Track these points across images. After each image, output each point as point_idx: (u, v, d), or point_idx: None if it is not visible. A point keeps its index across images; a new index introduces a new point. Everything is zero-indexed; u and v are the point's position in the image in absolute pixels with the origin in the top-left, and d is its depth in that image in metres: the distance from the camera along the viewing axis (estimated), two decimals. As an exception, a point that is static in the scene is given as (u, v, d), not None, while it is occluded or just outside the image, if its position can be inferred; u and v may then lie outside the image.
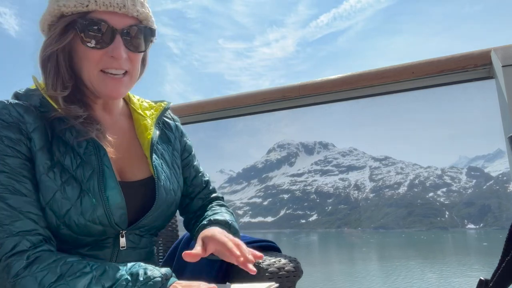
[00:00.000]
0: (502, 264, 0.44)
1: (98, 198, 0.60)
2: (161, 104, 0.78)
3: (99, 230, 0.61)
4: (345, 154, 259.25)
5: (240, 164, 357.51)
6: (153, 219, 0.67)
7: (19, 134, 0.60)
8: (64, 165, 0.60)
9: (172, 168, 0.74)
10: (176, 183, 0.73)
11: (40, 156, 0.60)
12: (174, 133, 0.79)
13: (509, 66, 0.96)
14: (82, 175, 0.60)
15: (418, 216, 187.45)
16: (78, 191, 0.59)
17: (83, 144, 0.62)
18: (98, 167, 0.62)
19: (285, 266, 0.70)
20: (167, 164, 0.73)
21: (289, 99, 1.37)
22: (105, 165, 0.62)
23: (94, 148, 0.63)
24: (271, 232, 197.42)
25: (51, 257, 0.54)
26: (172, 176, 0.72)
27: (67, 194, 0.59)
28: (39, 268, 0.52)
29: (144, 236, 0.69)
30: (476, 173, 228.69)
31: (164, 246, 1.08)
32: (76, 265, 0.53)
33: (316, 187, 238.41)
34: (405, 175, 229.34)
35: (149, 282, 0.52)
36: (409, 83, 1.24)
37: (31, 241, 0.54)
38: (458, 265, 32.41)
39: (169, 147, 0.76)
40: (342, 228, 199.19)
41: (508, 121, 0.97)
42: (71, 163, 0.60)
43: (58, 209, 0.58)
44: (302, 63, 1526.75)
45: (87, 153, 0.62)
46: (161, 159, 0.72)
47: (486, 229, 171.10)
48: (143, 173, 0.69)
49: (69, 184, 0.59)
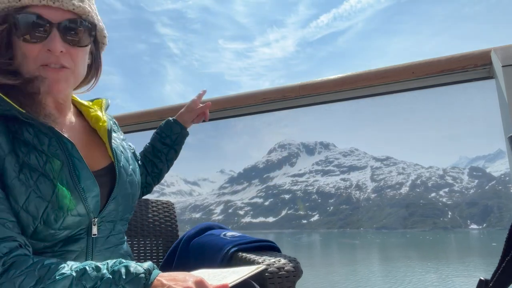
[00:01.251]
0: (502, 264, 0.44)
1: (74, 190, 0.60)
2: (100, 100, 0.80)
3: (75, 221, 0.62)
4: (346, 154, 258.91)
5: (240, 164, 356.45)
6: (118, 202, 0.69)
7: None
8: (31, 165, 0.59)
9: (127, 150, 0.78)
10: (134, 165, 0.76)
11: (9, 160, 0.58)
12: (117, 125, 0.84)
13: (509, 66, 0.96)
14: (51, 171, 0.60)
15: (421, 216, 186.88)
16: (52, 187, 0.59)
17: (45, 141, 0.62)
18: (67, 160, 0.62)
19: (284, 266, 0.70)
20: (123, 148, 0.76)
21: (289, 99, 1.37)
22: (75, 158, 0.62)
23: (58, 143, 0.62)
24: (272, 232, 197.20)
25: (27, 261, 0.54)
26: (130, 159, 0.76)
27: (41, 192, 0.58)
28: (17, 273, 0.52)
29: (117, 223, 0.70)
30: (478, 173, 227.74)
31: (164, 246, 1.09)
32: (55, 267, 0.53)
33: (318, 187, 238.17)
34: (407, 175, 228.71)
35: (133, 279, 0.52)
36: (409, 83, 1.24)
37: (7, 247, 0.54)
38: (483, 264, 30.35)
39: (120, 135, 0.81)
40: (345, 229, 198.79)
41: (508, 121, 0.97)
42: (38, 161, 0.60)
43: (35, 209, 0.58)
44: (302, 63, 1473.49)
45: (52, 149, 0.62)
46: (118, 144, 0.76)
47: (489, 230, 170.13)
48: (105, 160, 0.71)
49: (41, 183, 0.59)
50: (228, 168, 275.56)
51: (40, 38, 0.61)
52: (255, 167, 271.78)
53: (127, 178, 0.71)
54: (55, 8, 0.62)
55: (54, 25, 0.61)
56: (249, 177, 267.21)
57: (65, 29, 0.62)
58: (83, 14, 0.64)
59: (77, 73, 0.66)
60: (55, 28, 0.61)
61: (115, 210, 0.69)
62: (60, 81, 0.63)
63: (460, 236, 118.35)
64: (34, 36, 0.61)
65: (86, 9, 0.65)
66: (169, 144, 0.97)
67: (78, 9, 0.63)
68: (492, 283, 0.45)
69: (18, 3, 0.61)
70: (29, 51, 0.62)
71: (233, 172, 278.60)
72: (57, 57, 0.62)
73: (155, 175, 0.96)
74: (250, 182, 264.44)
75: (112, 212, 0.68)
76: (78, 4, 0.63)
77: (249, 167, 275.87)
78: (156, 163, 0.95)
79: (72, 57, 0.64)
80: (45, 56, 0.62)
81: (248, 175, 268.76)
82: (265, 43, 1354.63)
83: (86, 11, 0.65)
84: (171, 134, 0.97)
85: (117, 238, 0.70)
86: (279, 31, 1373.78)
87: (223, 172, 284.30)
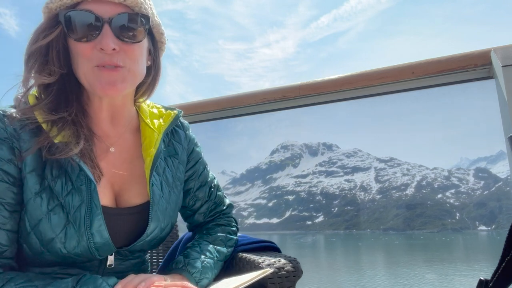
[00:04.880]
0: (502, 264, 0.44)
1: (83, 233, 0.58)
2: (171, 113, 0.74)
3: (83, 260, 0.60)
4: (350, 155, 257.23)
5: (241, 165, 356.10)
6: (144, 243, 0.66)
7: (10, 154, 0.57)
8: (53, 191, 0.57)
9: (172, 186, 0.71)
10: (174, 203, 0.71)
11: (29, 178, 0.57)
12: (182, 143, 0.75)
13: (509, 66, 0.96)
14: (70, 205, 0.58)
15: (428, 217, 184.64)
16: (64, 221, 0.57)
17: (76, 169, 0.59)
18: (87, 199, 0.59)
19: (284, 266, 0.70)
20: (167, 182, 0.70)
21: (289, 99, 1.38)
22: (93, 200, 0.59)
23: (85, 178, 0.59)
24: (276, 233, 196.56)
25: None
26: (170, 196, 0.70)
27: (52, 223, 0.56)
28: None
29: (139, 253, 0.69)
30: (484, 175, 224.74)
31: (164, 246, 1.09)
32: (17, 279, 0.53)
33: (322, 188, 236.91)
34: (412, 176, 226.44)
35: None
36: (409, 83, 1.25)
37: None
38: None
39: (175, 160, 0.73)
40: (351, 230, 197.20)
41: (508, 121, 0.97)
42: (62, 188, 0.58)
43: (42, 236, 0.57)
44: (303, 64, 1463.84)
45: (78, 181, 0.59)
46: (162, 177, 0.69)
47: (498, 231, 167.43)
48: (141, 197, 0.66)
49: (55, 213, 0.57)
50: (229, 169, 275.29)
51: (92, 36, 0.58)
52: (258, 168, 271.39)
53: (159, 223, 0.66)
54: (105, 2, 0.58)
55: (105, 20, 0.57)
56: (251, 178, 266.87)
57: (116, 24, 0.58)
58: (135, 6, 0.60)
59: (135, 71, 0.61)
60: (106, 24, 0.58)
61: (141, 248, 0.67)
62: (116, 82, 0.59)
63: (471, 238, 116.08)
64: (85, 35, 0.58)
65: (139, 0, 0.60)
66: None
67: (129, 1, 0.59)
68: (492, 283, 0.44)
69: (69, 1, 0.57)
70: (82, 51, 0.58)
71: (234, 173, 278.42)
72: (110, 56, 0.58)
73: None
74: (253, 183, 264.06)
75: (137, 248, 0.66)
76: None
77: (251, 168, 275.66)
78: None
79: (128, 54, 0.60)
80: (99, 56, 0.58)
81: (251, 176, 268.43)
82: (266, 44, 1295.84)
83: (138, 3, 0.60)
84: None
85: (133, 263, 0.68)
86: (280, 31, 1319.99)
87: (224, 173, 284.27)
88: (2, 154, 0.56)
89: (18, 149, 0.57)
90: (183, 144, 0.75)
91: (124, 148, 0.67)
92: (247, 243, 0.82)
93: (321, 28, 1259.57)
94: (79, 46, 0.59)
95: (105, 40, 0.57)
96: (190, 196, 0.77)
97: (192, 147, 0.78)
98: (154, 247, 0.71)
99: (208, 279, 0.67)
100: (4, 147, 0.56)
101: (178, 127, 0.76)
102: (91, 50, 0.58)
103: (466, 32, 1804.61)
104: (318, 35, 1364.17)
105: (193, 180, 0.77)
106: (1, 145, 0.56)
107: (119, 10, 0.58)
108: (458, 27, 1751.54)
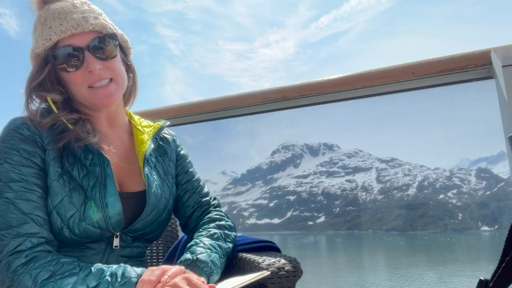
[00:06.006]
0: (502, 264, 0.44)
1: (99, 204, 0.68)
2: (159, 124, 0.87)
3: (97, 233, 0.69)
4: (351, 155, 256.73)
5: (242, 165, 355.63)
6: (145, 224, 0.74)
7: (35, 147, 0.68)
8: (72, 175, 0.69)
9: (164, 178, 0.81)
10: (168, 191, 0.80)
11: (53, 164, 0.68)
12: (171, 146, 0.87)
13: (509, 66, 0.97)
14: (87, 184, 0.69)
15: (431, 218, 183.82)
16: (83, 198, 0.67)
17: (89, 156, 0.71)
18: (101, 177, 0.70)
19: (284, 266, 0.71)
20: (159, 174, 0.80)
21: (289, 99, 1.38)
22: (107, 174, 0.70)
23: (98, 159, 0.71)
24: (278, 234, 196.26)
25: (47, 257, 0.61)
26: (164, 185, 0.80)
27: (73, 200, 0.67)
28: (35, 266, 0.58)
29: (138, 239, 0.76)
30: (485, 175, 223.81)
31: (164, 246, 1.11)
32: (67, 266, 0.59)
33: (323, 188, 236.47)
34: (413, 176, 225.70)
35: (126, 282, 0.58)
36: (409, 83, 1.24)
37: (32, 242, 0.61)
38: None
39: (165, 158, 0.84)
40: (353, 230, 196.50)
41: (508, 121, 0.97)
42: (78, 173, 0.69)
43: (64, 212, 0.66)
44: (303, 65, 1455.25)
45: (92, 164, 0.70)
46: (154, 170, 0.79)
47: (502, 231, 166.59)
48: (139, 186, 0.76)
49: (76, 191, 0.67)
50: (230, 170, 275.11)
51: (78, 65, 0.70)
52: (259, 168, 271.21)
53: (157, 203, 0.76)
54: (79, 33, 0.69)
55: (84, 49, 0.69)
56: (252, 178, 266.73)
57: (94, 48, 0.70)
58: (103, 29, 0.72)
59: (120, 80, 0.74)
60: (87, 51, 0.70)
61: (141, 230, 0.75)
62: (111, 94, 0.72)
63: (474, 238, 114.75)
64: (73, 65, 0.70)
65: (103, 23, 0.72)
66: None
67: (97, 26, 0.71)
68: (492, 283, 0.45)
69: (49, 42, 0.69)
70: (74, 78, 0.71)
71: (235, 174, 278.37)
72: (99, 75, 0.71)
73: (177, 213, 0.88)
74: (253, 183, 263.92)
75: (139, 231, 0.74)
76: (95, 22, 0.71)
77: (252, 168, 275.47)
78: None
79: (111, 68, 0.72)
80: (89, 77, 0.70)
81: (252, 176, 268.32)
82: (266, 44, 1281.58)
83: (103, 25, 0.72)
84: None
85: (134, 251, 0.76)
86: (280, 32, 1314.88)
87: (224, 173, 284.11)
88: (28, 148, 0.67)
89: (41, 143, 0.69)
90: (172, 146, 0.87)
91: (121, 146, 0.79)
92: (247, 243, 0.83)
93: (321, 29, 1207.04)
94: (71, 75, 0.71)
95: (91, 64, 0.69)
96: (179, 188, 0.86)
97: (180, 150, 0.90)
98: (154, 235, 0.78)
99: (218, 273, 0.70)
100: (30, 143, 0.68)
101: (166, 134, 0.89)
102: (81, 76, 0.70)
103: (466, 32, 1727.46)
104: (318, 36, 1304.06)
105: (181, 174, 0.87)
106: (27, 141, 0.68)
107: (92, 36, 0.70)
108: (458, 27, 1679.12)
